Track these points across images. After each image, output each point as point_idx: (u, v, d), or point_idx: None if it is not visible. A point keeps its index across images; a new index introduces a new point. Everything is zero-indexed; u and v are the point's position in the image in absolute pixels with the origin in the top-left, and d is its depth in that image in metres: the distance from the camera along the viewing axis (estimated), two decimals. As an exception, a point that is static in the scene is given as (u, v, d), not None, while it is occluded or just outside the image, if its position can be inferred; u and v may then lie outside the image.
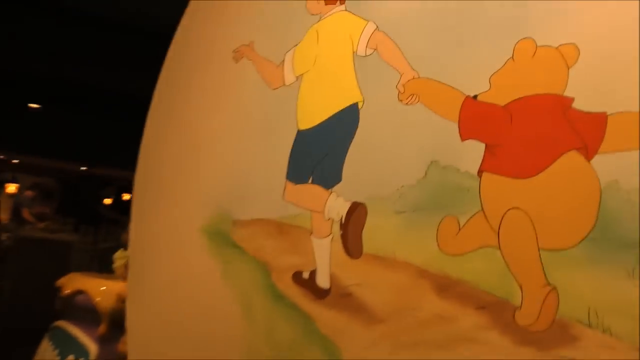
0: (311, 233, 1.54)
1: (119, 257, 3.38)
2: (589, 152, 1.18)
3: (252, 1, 1.77)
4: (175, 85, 1.89)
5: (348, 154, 1.49)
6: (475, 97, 1.33)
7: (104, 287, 2.84)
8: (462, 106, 1.34)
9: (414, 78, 1.42)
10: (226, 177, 1.73)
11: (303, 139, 1.59)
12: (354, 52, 1.54)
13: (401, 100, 1.43)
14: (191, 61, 1.88)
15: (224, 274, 1.67)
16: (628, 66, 1.15)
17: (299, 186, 1.58)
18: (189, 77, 1.86)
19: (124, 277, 3.10)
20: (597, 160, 1.17)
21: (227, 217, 1.70)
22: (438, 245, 1.32)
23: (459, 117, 1.34)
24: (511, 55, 1.29)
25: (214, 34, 1.84)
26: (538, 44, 1.26)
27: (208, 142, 1.80)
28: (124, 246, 3.73)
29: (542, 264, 1.20)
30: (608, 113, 1.16)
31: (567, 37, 1.23)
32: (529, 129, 1.25)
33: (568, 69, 1.22)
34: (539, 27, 1.27)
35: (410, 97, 1.42)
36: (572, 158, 1.20)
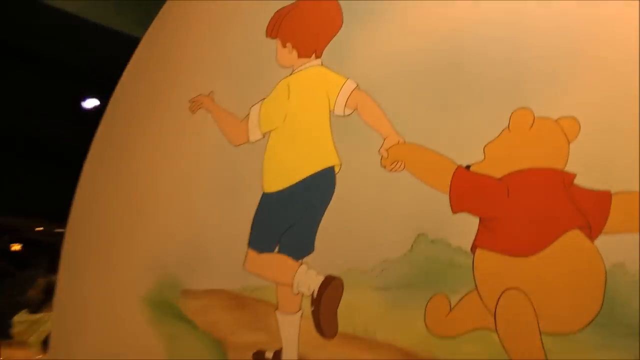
0: (277, 308, 1.38)
1: (20, 320, 3.03)
2: (592, 232, 1.12)
3: (213, 47, 1.63)
4: (119, 134, 1.70)
5: (322, 221, 1.36)
6: (468, 167, 1.25)
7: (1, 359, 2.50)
8: (453, 176, 1.26)
9: (398, 143, 1.33)
10: (175, 239, 1.55)
11: (269, 202, 1.45)
12: (330, 110, 1.43)
13: (384, 166, 1.33)
14: (139, 109, 1.70)
15: (170, 351, 1.47)
16: (630, 142, 1.12)
17: (263, 255, 1.42)
18: (136, 126, 1.68)
19: (25, 345, 2.77)
20: (601, 240, 1.11)
21: (176, 285, 1.50)
22: (426, 325, 1.21)
23: (450, 188, 1.25)
24: (507, 125, 1.23)
25: (167, 79, 1.68)
26: (536, 115, 1.21)
27: (156, 198, 1.61)
28: (25, 306, 3.37)
29: (544, 349, 1.11)
30: (612, 191, 1.12)
31: (566, 109, 1.19)
32: (527, 204, 1.18)
33: (569, 143, 1.17)
34: (536, 97, 1.22)
35: (395, 163, 1.32)
36: (575, 237, 1.13)
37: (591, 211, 1.13)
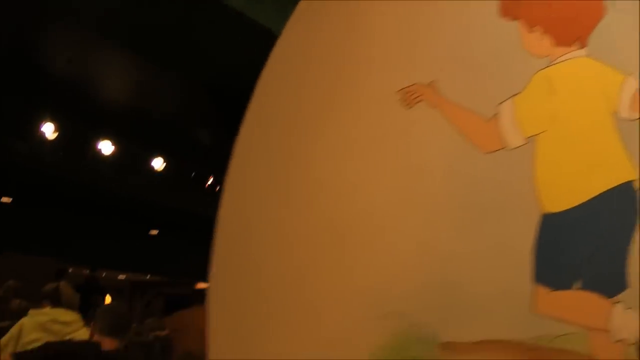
0: (590, 360, 1.09)
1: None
2: None
3: (432, 24, 1.26)
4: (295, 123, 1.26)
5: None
6: None
7: None
8: None
9: None
10: (411, 278, 1.18)
11: (556, 225, 1.15)
12: (612, 113, 1.17)
13: None
14: (307, 104, 1.27)
15: None
16: None
17: (561, 293, 1.12)
18: (318, 114, 1.26)
19: None
20: None
21: (428, 338, 1.13)
22: None
23: None
24: None
25: (361, 64, 1.27)
26: None
27: (367, 224, 1.21)
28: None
29: None
30: None
31: None
32: None
33: None
34: None
35: None
36: None
37: None
